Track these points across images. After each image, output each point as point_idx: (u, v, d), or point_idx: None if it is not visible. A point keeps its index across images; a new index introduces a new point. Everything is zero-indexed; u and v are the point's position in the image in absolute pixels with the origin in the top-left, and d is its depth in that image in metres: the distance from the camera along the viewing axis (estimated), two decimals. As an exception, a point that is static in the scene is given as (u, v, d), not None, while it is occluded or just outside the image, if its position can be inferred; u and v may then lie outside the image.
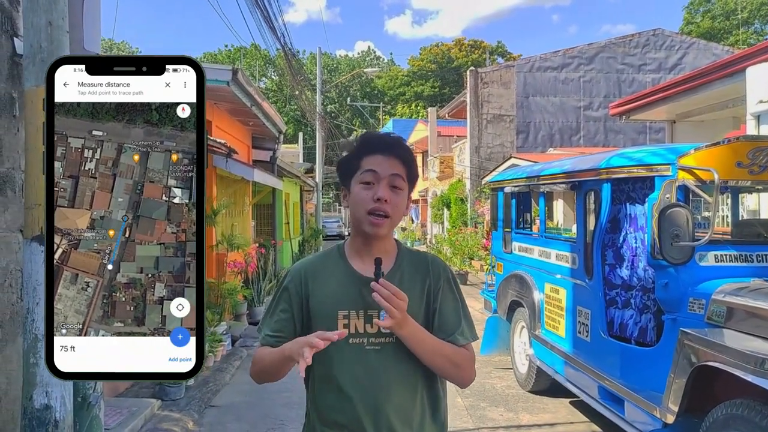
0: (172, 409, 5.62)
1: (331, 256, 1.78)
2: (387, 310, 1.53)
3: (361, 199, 1.65)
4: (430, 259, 1.81)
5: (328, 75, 52.57)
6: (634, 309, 4.49)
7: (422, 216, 33.30)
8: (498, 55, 57.86)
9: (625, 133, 19.99)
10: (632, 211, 4.46)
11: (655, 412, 3.84)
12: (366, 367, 1.66)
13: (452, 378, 1.73)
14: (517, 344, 6.57)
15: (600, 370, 4.61)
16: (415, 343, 1.63)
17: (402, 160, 1.69)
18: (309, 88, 27.11)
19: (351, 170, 1.71)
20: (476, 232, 17.11)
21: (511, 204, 6.81)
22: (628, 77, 20.31)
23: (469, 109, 20.33)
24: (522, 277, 6.25)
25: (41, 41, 3.35)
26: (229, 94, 9.09)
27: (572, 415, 5.60)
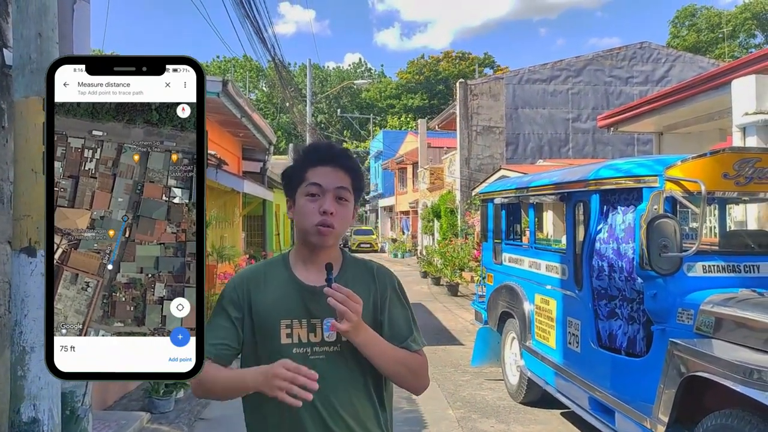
0: (161, 422, 5.57)
1: (275, 265, 1.77)
2: (343, 314, 1.52)
3: (307, 212, 1.66)
4: (376, 268, 1.80)
5: (318, 86, 52.69)
6: (623, 320, 4.51)
7: (413, 227, 33.32)
8: (486, 67, 58.25)
9: (613, 145, 20.14)
10: (620, 222, 4.49)
11: (646, 423, 3.85)
12: None
13: (409, 385, 1.74)
14: (508, 355, 6.57)
15: (590, 380, 4.62)
16: (372, 349, 1.63)
17: (347, 171, 1.69)
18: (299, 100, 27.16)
19: (296, 182, 1.71)
20: (467, 243, 17.14)
21: (501, 215, 6.83)
22: (616, 89, 20.49)
23: (458, 120, 20.42)
24: (512, 288, 6.26)
25: (31, 52, 3.35)
26: (219, 106, 9.09)
27: (563, 426, 5.60)
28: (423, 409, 6.18)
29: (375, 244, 38.73)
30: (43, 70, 3.39)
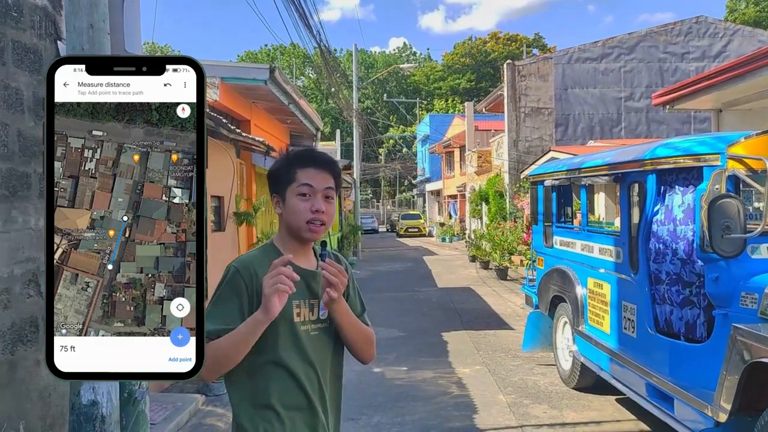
0: (216, 404, 5.69)
1: (269, 254, 1.87)
2: (335, 285, 1.74)
3: (299, 210, 1.83)
4: (340, 255, 2.04)
5: (364, 72, 52.64)
6: (683, 304, 4.36)
7: (460, 211, 33.11)
8: (535, 48, 57.08)
9: (668, 124, 19.48)
10: (679, 202, 4.33)
11: (707, 411, 3.73)
12: (312, 352, 1.84)
13: (363, 353, 1.97)
14: (560, 340, 6.46)
15: (647, 366, 4.49)
16: (347, 318, 1.88)
17: (332, 174, 1.88)
18: (345, 86, 27.18)
19: (286, 181, 1.86)
20: (516, 227, 16.92)
21: (551, 198, 6.69)
22: (671, 66, 19.78)
23: (506, 102, 20.09)
24: (564, 272, 6.14)
25: (83, 44, 3.41)
26: (267, 93, 9.16)
27: (619, 413, 5.48)
28: (473, 394, 6.14)
29: (423, 228, 38.66)
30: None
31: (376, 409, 5.73)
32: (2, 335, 3.07)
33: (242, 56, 61.40)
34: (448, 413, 5.57)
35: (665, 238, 4.43)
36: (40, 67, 3.90)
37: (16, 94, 3.39)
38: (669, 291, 4.44)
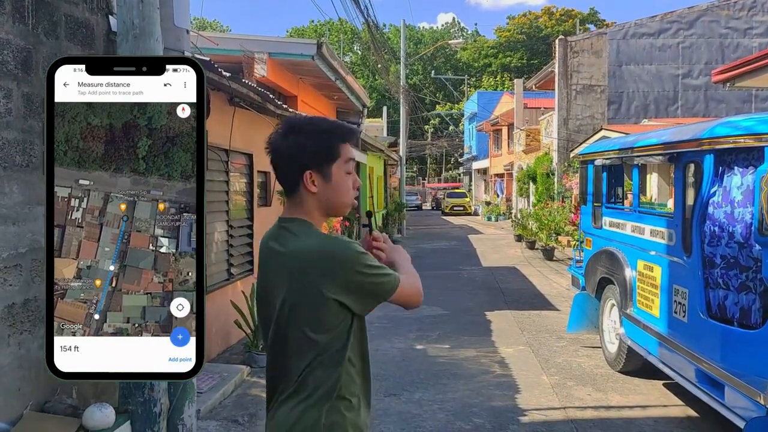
0: (260, 376, 5.80)
1: None
2: (385, 251, 1.86)
3: (347, 188, 1.76)
4: None
5: (412, 48, 52.14)
6: (738, 289, 4.21)
7: (507, 190, 32.72)
8: (590, 23, 55.49)
9: (727, 102, 18.73)
10: (738, 184, 4.15)
11: (759, 399, 3.61)
12: None
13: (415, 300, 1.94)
14: (607, 323, 6.34)
15: (698, 352, 4.37)
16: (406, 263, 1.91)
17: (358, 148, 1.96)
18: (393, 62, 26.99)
19: (330, 156, 1.72)
20: (563, 207, 16.62)
21: (601, 177, 6.53)
22: (733, 42, 18.94)
23: (557, 79, 19.63)
24: (613, 254, 6.00)
25: (134, 18, 3.45)
26: (314, 69, 9.17)
27: (665, 398, 5.36)
28: (516, 374, 6.10)
29: (468, 206, 38.39)
30: (146, 35, 3.50)
31: (417, 386, 5.74)
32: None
33: (291, 32, 61.62)
34: (490, 392, 5.55)
35: (721, 221, 4.27)
36: (92, 41, 3.97)
37: (69, 68, 3.46)
38: (724, 275, 4.29)
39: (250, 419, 4.88)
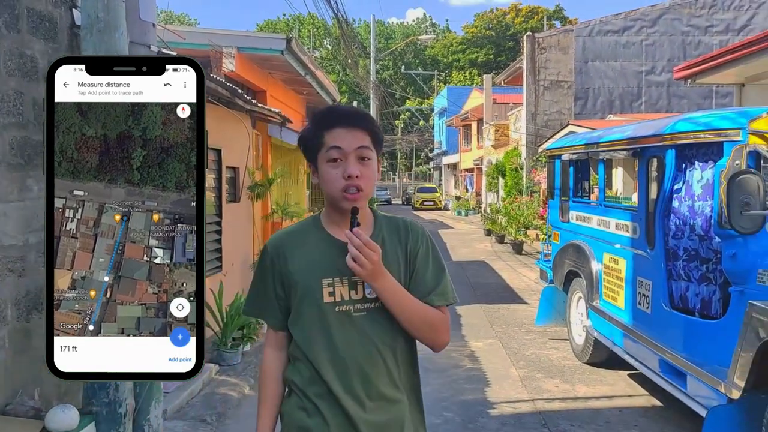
0: (229, 374, 5.76)
1: (309, 227, 1.78)
2: (355, 258, 1.55)
3: (332, 178, 1.64)
4: (409, 223, 1.80)
5: (383, 43, 52.12)
6: (699, 280, 4.32)
7: (476, 185, 32.96)
8: (556, 20, 56.09)
9: (689, 98, 19.13)
10: (698, 178, 4.26)
11: (720, 387, 3.71)
12: (356, 334, 1.66)
13: (426, 339, 1.73)
14: (574, 315, 6.45)
15: (661, 342, 4.47)
16: (391, 298, 1.64)
17: (364, 129, 1.66)
18: (363, 57, 26.96)
19: (315, 147, 1.68)
20: (532, 201, 16.82)
21: (568, 172, 6.62)
22: (694, 39, 19.36)
23: (525, 75, 19.84)
24: (579, 247, 6.10)
25: (98, 11, 3.38)
26: (284, 64, 9.10)
27: (631, 388, 5.48)
28: (486, 367, 6.17)
29: (438, 201, 38.58)
30: (111, 29, 3.44)
31: (388, 380, 5.77)
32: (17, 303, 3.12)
33: (261, 25, 61.06)
34: (461, 386, 5.61)
35: (683, 214, 4.37)
36: (55, 35, 3.89)
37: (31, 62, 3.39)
38: (685, 267, 4.40)
39: (218, 418, 4.85)
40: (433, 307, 1.71)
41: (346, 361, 1.65)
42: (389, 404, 1.69)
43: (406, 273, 1.72)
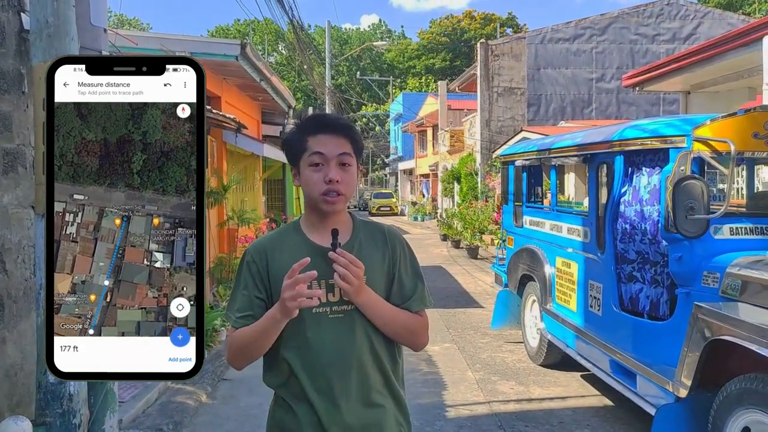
0: (185, 383, 5.67)
1: (288, 232, 1.83)
2: (344, 277, 1.61)
3: (313, 182, 1.71)
4: (386, 229, 1.88)
5: (338, 49, 52.10)
6: (647, 283, 4.46)
7: (432, 190, 33.21)
8: (509, 27, 57.06)
9: (638, 105, 19.73)
10: (646, 183, 4.40)
11: (668, 386, 3.83)
12: (332, 336, 1.71)
13: (406, 343, 1.83)
14: (528, 318, 6.56)
15: (612, 344, 4.60)
16: (372, 311, 1.72)
17: (347, 137, 1.74)
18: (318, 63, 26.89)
19: (298, 151, 1.75)
20: (487, 206, 17.05)
21: (522, 177, 6.75)
22: (642, 48, 19.98)
23: (479, 82, 20.11)
24: (533, 251, 6.21)
25: (48, 16, 3.31)
26: (238, 69, 9.03)
27: (583, 389, 5.61)
28: (443, 371, 6.22)
29: (395, 207, 38.72)
30: (61, 34, 3.37)
31: (346, 386, 5.76)
32: (-35, 313, 3.02)
33: (212, 31, 60.30)
34: (417, 390, 5.64)
35: (632, 219, 4.51)
36: (2, 40, 3.79)
37: (-24, 67, 3.29)
38: (634, 270, 4.54)
39: (174, 427, 4.77)
40: (411, 312, 1.80)
41: (322, 362, 1.70)
42: (368, 408, 1.73)
43: (387, 278, 1.80)
